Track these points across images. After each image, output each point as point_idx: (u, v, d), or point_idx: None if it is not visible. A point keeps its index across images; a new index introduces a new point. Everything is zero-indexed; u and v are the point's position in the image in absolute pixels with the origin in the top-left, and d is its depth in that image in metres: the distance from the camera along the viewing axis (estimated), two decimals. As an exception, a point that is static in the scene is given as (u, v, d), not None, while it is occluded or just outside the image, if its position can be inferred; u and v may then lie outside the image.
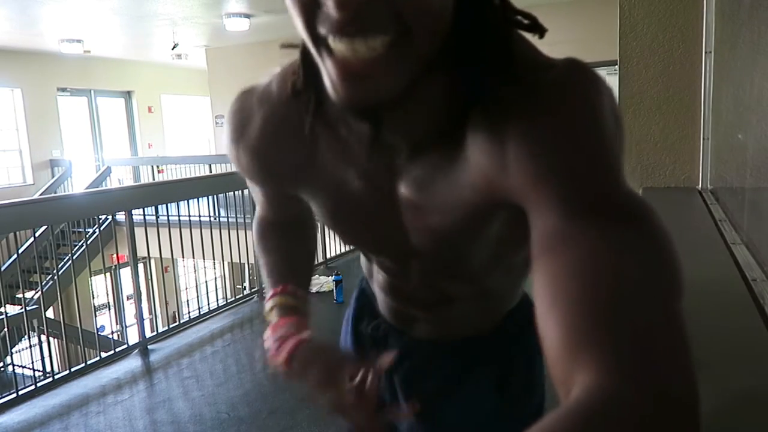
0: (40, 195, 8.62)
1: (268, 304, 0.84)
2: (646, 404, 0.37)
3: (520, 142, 0.52)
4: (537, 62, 0.57)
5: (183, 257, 4.70)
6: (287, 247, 0.91)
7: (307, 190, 0.74)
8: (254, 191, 0.88)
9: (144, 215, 4.02)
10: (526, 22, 0.56)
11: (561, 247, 0.47)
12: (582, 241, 0.46)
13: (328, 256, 5.64)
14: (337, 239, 5.75)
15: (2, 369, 6.91)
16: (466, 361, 0.91)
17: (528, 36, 0.59)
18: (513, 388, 0.91)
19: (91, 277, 4.80)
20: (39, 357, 5.61)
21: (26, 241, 6.17)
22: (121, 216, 3.84)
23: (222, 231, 4.92)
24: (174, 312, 7.99)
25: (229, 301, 4.60)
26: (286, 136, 0.69)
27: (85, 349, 3.53)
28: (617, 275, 0.44)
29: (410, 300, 0.85)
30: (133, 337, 3.92)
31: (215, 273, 9.53)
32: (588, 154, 0.50)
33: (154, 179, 9.76)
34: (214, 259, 7.45)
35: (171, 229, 4.24)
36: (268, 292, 0.85)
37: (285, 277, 0.86)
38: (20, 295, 5.80)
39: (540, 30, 0.56)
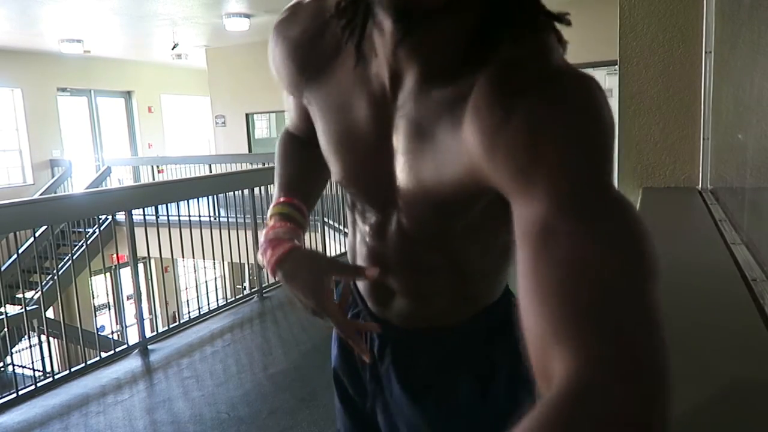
0: (40, 195, 8.63)
1: (270, 210, 0.87)
2: (619, 387, 0.39)
3: (520, 126, 0.53)
4: (555, 53, 0.59)
5: (183, 257, 4.70)
6: (307, 163, 0.91)
7: (318, 101, 0.76)
8: (287, 99, 0.90)
9: (144, 215, 4.02)
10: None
11: (544, 239, 0.48)
12: (566, 235, 0.47)
13: (328, 255, 5.64)
14: (337, 238, 5.74)
15: (2, 369, 6.91)
16: (445, 357, 0.88)
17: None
18: (496, 392, 0.87)
19: (91, 277, 4.80)
20: (39, 357, 5.60)
21: (26, 241, 6.17)
22: (121, 216, 3.84)
23: (222, 231, 4.92)
24: (174, 312, 8.00)
25: (229, 301, 4.60)
26: (322, 38, 0.73)
27: (85, 349, 3.53)
28: (596, 271, 0.45)
29: (388, 269, 0.82)
30: (133, 337, 3.92)
31: (215, 273, 9.53)
32: (585, 151, 0.51)
33: (154, 179, 9.76)
34: (214, 259, 7.45)
35: (171, 229, 4.24)
36: (275, 199, 0.88)
37: (294, 191, 0.89)
38: (20, 295, 5.80)
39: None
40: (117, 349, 3.55)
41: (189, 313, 4.23)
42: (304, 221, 0.87)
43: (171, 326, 4.06)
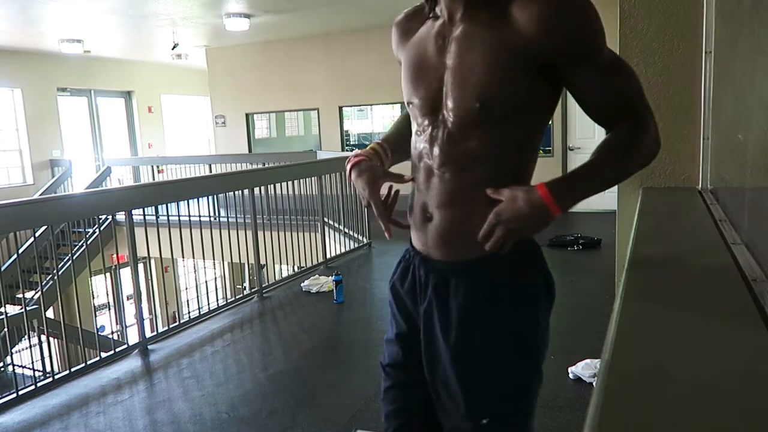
0: (40, 195, 8.63)
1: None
2: (653, 127, 1.06)
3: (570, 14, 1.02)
4: None
5: (183, 257, 4.70)
6: (403, 127, 1.30)
7: (406, 51, 1.18)
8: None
9: (144, 215, 4.01)
10: None
11: (601, 81, 1.05)
12: (612, 77, 1.06)
13: (328, 256, 5.64)
14: (338, 238, 5.78)
15: (2, 369, 6.91)
16: (476, 287, 1.09)
17: None
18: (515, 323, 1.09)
19: (91, 277, 4.79)
20: (39, 357, 5.61)
21: (26, 241, 6.17)
22: (121, 216, 3.84)
23: (222, 231, 4.92)
24: (174, 312, 8.00)
25: (229, 301, 4.60)
26: (414, 18, 1.21)
27: (85, 349, 3.53)
28: (629, 88, 1.07)
29: (435, 172, 1.10)
30: (133, 337, 3.92)
31: (215, 273, 9.54)
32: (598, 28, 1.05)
33: (154, 179, 9.76)
34: (214, 259, 7.46)
35: (171, 229, 4.24)
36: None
37: (386, 140, 1.29)
38: (20, 295, 5.81)
39: None
40: (117, 349, 3.56)
41: (189, 313, 4.22)
42: (385, 156, 1.24)
43: (171, 326, 4.06)
